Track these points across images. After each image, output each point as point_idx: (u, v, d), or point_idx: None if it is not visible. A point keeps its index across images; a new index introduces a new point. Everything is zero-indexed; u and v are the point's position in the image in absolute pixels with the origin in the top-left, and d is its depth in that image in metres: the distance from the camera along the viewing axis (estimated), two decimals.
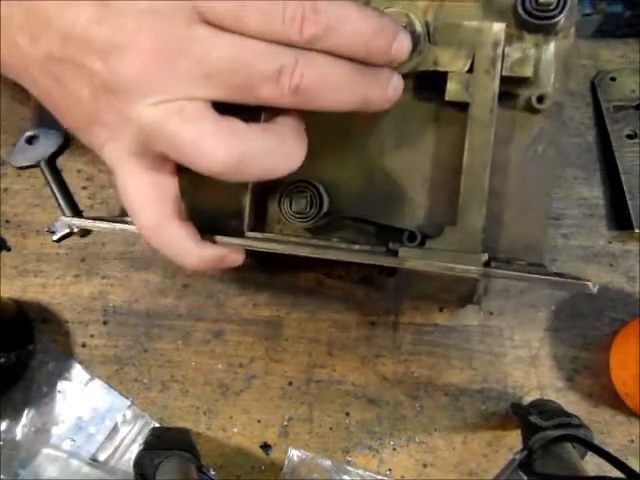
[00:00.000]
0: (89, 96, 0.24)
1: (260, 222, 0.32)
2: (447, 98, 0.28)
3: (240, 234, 0.31)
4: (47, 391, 0.44)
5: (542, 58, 0.28)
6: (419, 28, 0.28)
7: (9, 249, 0.47)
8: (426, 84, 0.30)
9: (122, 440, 0.43)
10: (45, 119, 0.49)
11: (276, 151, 0.25)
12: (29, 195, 0.48)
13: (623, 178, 0.44)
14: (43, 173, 0.48)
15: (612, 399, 0.42)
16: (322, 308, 0.44)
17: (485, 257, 0.28)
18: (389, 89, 0.26)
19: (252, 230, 0.31)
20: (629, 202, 0.44)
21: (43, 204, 0.48)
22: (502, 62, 0.28)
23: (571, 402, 0.42)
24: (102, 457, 0.43)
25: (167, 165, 0.26)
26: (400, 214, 0.31)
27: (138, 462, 0.36)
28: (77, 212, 0.47)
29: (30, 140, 0.49)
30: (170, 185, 0.26)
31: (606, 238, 0.45)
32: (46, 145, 0.49)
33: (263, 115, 0.27)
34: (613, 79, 0.47)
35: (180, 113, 0.23)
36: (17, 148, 0.49)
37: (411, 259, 0.28)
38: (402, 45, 0.25)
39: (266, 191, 0.32)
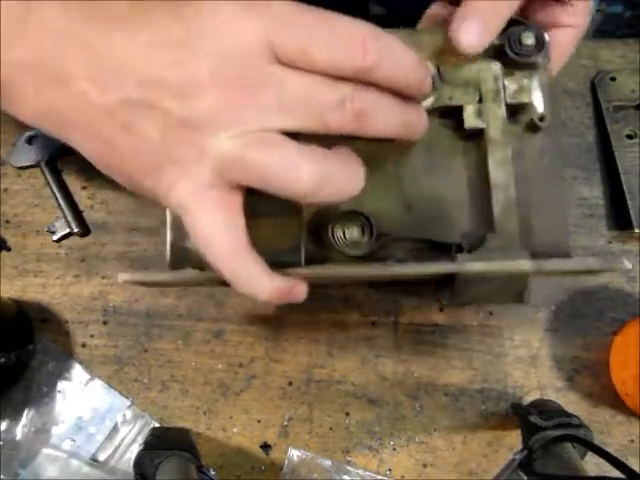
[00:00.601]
0: (160, 135, 0.25)
1: (315, 256, 0.34)
2: (466, 126, 0.33)
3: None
4: (47, 391, 0.44)
5: (532, 88, 0.34)
6: (433, 70, 0.33)
7: (9, 249, 0.47)
8: (445, 116, 0.34)
9: (122, 440, 0.43)
10: None
11: (346, 173, 0.27)
12: (29, 195, 0.48)
13: (623, 178, 0.44)
14: (43, 173, 0.48)
15: (612, 399, 0.42)
16: (322, 308, 0.44)
17: (528, 254, 0.31)
18: (422, 119, 0.29)
19: (308, 264, 0.33)
20: (629, 202, 0.44)
21: (43, 204, 0.48)
22: (504, 92, 0.33)
23: (571, 402, 0.42)
24: (102, 457, 0.43)
25: (237, 196, 0.27)
26: (441, 232, 0.34)
27: (138, 462, 0.37)
28: (77, 212, 0.47)
29: (30, 140, 0.49)
30: (241, 215, 0.27)
31: (606, 238, 0.45)
32: (46, 145, 0.49)
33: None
34: (613, 79, 0.47)
35: (261, 142, 0.24)
36: (17, 148, 0.49)
37: (471, 262, 0.31)
38: (430, 80, 0.28)
39: (318, 226, 0.34)
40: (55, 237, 0.47)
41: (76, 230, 0.46)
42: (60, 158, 0.48)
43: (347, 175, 0.27)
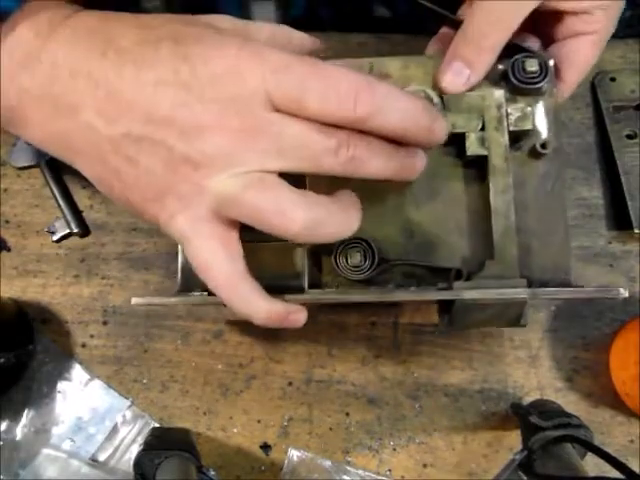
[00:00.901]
0: (163, 170, 0.26)
1: (317, 281, 0.35)
2: (468, 153, 0.33)
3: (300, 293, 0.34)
4: (47, 391, 0.44)
5: (536, 114, 0.35)
6: (436, 99, 0.34)
7: (9, 249, 0.47)
8: (447, 143, 0.34)
9: (122, 440, 0.43)
10: None
11: (338, 219, 0.28)
12: (29, 195, 0.48)
13: (623, 178, 0.44)
14: (43, 173, 0.48)
15: (612, 399, 0.42)
16: (322, 308, 0.44)
17: (526, 282, 0.32)
18: (418, 163, 0.30)
19: (311, 289, 0.34)
20: (629, 202, 0.44)
21: (43, 204, 0.48)
22: (507, 119, 0.34)
23: (571, 402, 0.42)
24: (102, 457, 0.43)
25: (234, 227, 0.28)
26: (442, 257, 0.35)
27: (138, 462, 0.36)
28: (77, 212, 0.47)
29: None
30: (238, 245, 0.28)
31: (606, 238, 0.45)
32: None
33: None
34: (613, 79, 0.47)
35: (258, 183, 0.26)
36: (17, 148, 0.49)
37: (467, 290, 0.32)
38: (442, 125, 0.28)
39: (320, 252, 0.35)
40: (55, 237, 0.47)
41: (76, 230, 0.46)
42: None
43: (339, 220, 0.28)
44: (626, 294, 0.31)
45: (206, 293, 0.34)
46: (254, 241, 0.31)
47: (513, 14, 0.31)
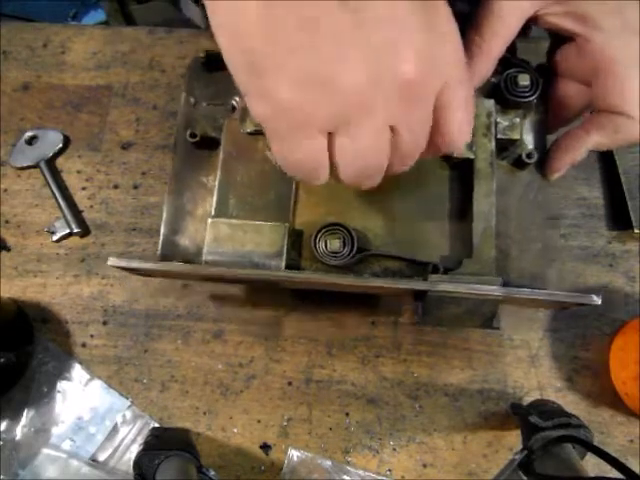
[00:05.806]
0: None
1: (295, 263, 0.36)
2: (455, 155, 0.35)
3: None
4: (47, 391, 0.44)
5: (524, 126, 0.37)
6: None
7: (9, 249, 0.47)
8: None
9: (122, 440, 0.43)
10: None
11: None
12: (29, 195, 0.48)
13: (623, 178, 0.44)
14: (43, 173, 0.48)
15: (612, 399, 0.42)
16: (322, 308, 0.44)
17: (501, 280, 0.33)
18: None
19: (289, 269, 0.35)
20: (629, 202, 0.44)
21: (43, 204, 0.48)
22: (495, 128, 0.35)
23: (571, 402, 0.42)
24: (102, 457, 0.43)
25: None
26: (421, 253, 0.35)
27: (138, 462, 0.37)
28: (77, 212, 0.47)
29: (30, 140, 0.49)
30: None
31: (606, 238, 0.45)
32: (46, 145, 0.49)
33: None
34: None
35: None
36: (17, 148, 0.49)
37: (441, 283, 0.32)
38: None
39: (302, 235, 0.36)
40: (55, 237, 0.47)
41: (76, 230, 0.46)
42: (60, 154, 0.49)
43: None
44: (599, 301, 0.32)
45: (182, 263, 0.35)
46: (241, 217, 0.34)
47: (509, 29, 0.33)
